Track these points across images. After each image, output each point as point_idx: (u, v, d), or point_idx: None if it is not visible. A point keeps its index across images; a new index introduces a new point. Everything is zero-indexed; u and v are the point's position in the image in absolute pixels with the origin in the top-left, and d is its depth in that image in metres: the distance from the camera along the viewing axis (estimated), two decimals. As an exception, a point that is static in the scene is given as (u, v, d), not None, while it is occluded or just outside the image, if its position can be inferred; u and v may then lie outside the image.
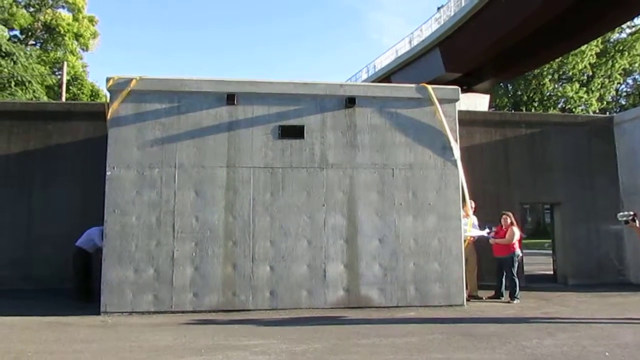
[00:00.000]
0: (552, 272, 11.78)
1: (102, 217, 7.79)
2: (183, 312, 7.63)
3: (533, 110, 35.44)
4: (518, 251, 9.11)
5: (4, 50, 23.62)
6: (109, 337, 6.23)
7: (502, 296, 9.04)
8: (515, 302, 8.71)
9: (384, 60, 37.15)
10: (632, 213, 7.62)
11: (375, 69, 38.41)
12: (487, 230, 9.21)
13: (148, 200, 7.87)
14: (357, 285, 8.11)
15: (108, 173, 7.81)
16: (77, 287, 8.68)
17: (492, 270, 9.33)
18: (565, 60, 34.71)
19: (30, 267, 9.71)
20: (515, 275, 8.92)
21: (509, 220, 9.03)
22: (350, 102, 8.42)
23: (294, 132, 8.31)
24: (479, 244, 9.34)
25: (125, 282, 7.63)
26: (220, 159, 8.11)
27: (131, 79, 8.01)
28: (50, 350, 5.56)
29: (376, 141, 8.46)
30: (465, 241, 8.73)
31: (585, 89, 36.31)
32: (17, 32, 29.70)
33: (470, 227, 9.10)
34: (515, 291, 8.83)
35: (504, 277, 9.04)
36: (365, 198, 8.30)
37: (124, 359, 5.24)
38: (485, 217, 9.59)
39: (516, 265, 9.03)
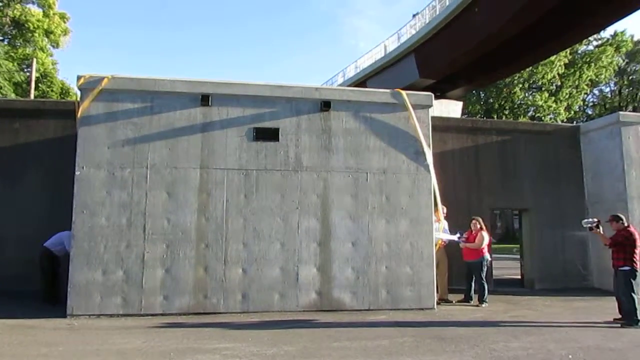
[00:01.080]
0: (519, 277, 12.06)
1: (70, 218, 7.61)
2: (153, 315, 7.51)
3: (504, 118, 36.27)
4: (487, 255, 9.31)
5: (-31, 44, 22.90)
6: (75, 340, 6.08)
7: (471, 300, 9.21)
8: (483, 305, 8.88)
9: (360, 64, 37.43)
10: (596, 220, 7.89)
11: (351, 73, 38.65)
12: (457, 234, 9.37)
13: (118, 201, 7.73)
14: (329, 288, 8.13)
15: (77, 173, 7.65)
16: (43, 289, 8.45)
17: (462, 275, 9.50)
18: (535, 70, 35.66)
19: (-7, 268, 9.39)
20: (484, 279, 9.10)
21: (478, 225, 9.23)
22: (326, 105, 8.46)
23: (269, 135, 8.30)
24: (449, 248, 9.51)
25: (93, 284, 7.47)
26: (194, 160, 8.03)
27: (103, 78, 7.88)
28: (14, 353, 5.40)
29: (351, 145, 8.53)
30: (436, 245, 8.87)
31: (554, 98, 37.40)
32: (-16, 27, 28.82)
33: (442, 231, 9.25)
34: (484, 295, 9.00)
35: (473, 281, 9.22)
36: (339, 201, 8.34)
37: (91, 362, 5.13)
38: (457, 221, 9.78)
39: (485, 269, 9.22)
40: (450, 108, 30.56)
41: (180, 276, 7.74)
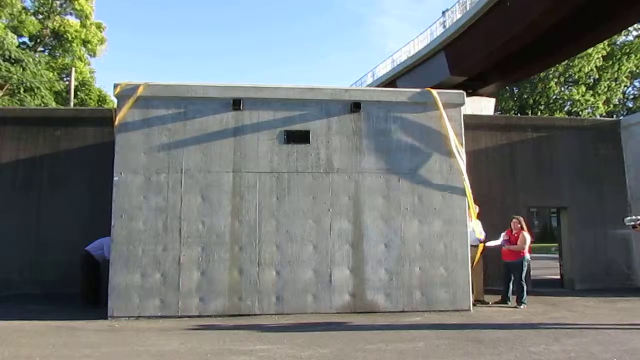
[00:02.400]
0: (559, 277, 11.72)
1: (109, 222, 7.85)
2: (189, 316, 7.66)
3: (539, 114, 35.35)
4: (528, 256, 9.07)
5: (13, 57, 23.93)
6: (116, 341, 6.27)
7: (509, 301, 9.00)
8: (522, 307, 8.67)
9: (389, 64, 37.20)
10: (639, 217, 7.59)
11: (380, 73, 38.43)
12: (501, 239, 9.11)
13: (155, 205, 7.92)
14: (363, 290, 8.11)
15: (115, 178, 7.88)
16: (84, 292, 8.73)
17: (497, 275, 9.29)
18: (571, 63, 34.63)
19: (38, 271, 9.78)
20: (523, 280, 8.88)
21: (519, 225, 8.98)
22: (356, 106, 8.44)
23: (300, 137, 8.35)
24: (485, 249, 9.31)
25: (132, 287, 7.67)
26: (227, 164, 8.16)
27: (138, 86, 8.08)
28: (59, 355, 5.61)
29: (381, 146, 8.48)
30: (478, 247, 8.75)
31: (591, 91, 36.22)
32: (26, 39, 30.03)
33: (478, 231, 9.05)
34: (523, 296, 8.79)
35: (511, 282, 9.01)
36: (370, 203, 8.31)
37: (131, 363, 5.27)
38: (491, 220, 9.56)
39: (525, 270, 9.00)
40: (482, 105, 29.95)
41: (215, 278, 7.86)
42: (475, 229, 9.00)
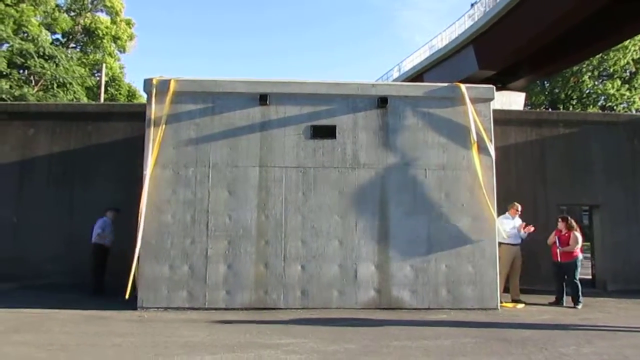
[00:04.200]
0: (590, 277, 11.41)
1: (138, 215, 8.00)
2: (216, 309, 7.77)
3: (571, 109, 34.41)
4: (581, 255, 8.89)
5: (47, 53, 24.63)
6: (145, 332, 6.40)
7: (563, 302, 8.81)
8: (578, 307, 8.52)
9: (416, 58, 36.74)
10: None
11: (407, 67, 38.02)
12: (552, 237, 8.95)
13: (183, 198, 8.04)
14: (388, 286, 8.07)
15: (145, 172, 8.01)
16: (97, 281, 9.13)
17: (532, 275, 9.10)
18: (605, 57, 33.53)
19: (71, 262, 10.04)
20: (577, 280, 8.71)
21: (566, 224, 8.79)
22: (383, 102, 8.38)
23: (326, 132, 8.33)
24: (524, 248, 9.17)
25: (160, 279, 7.82)
26: (253, 159, 8.21)
27: (168, 81, 8.19)
28: (91, 343, 5.77)
29: (408, 141, 8.40)
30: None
31: (627, 86, 34.99)
32: (59, 36, 30.88)
33: (522, 231, 8.91)
34: (579, 296, 8.63)
35: (563, 282, 8.83)
36: (397, 199, 8.25)
37: (160, 354, 5.37)
38: (521, 218, 9.36)
39: (579, 269, 8.83)
40: (512, 100, 29.35)
41: (241, 272, 7.94)
42: (520, 228, 8.86)
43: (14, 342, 5.73)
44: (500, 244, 8.57)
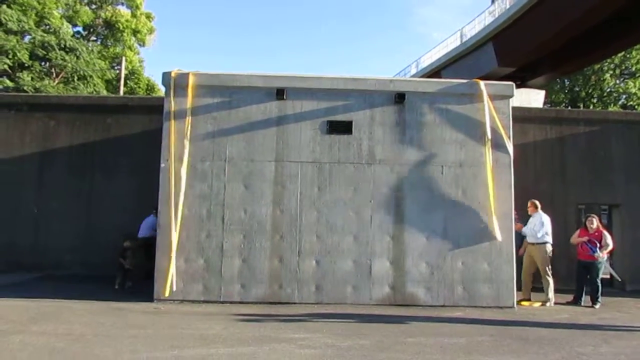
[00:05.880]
0: (608, 277, 11.21)
1: (156, 208, 8.09)
2: (231, 302, 7.82)
3: (591, 107, 33.78)
4: (605, 255, 8.78)
5: (68, 45, 24.96)
6: (161, 324, 6.47)
7: (581, 302, 8.70)
8: (597, 306, 8.44)
9: (434, 55, 36.38)
10: None
11: (425, 63, 37.69)
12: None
13: (199, 192, 8.09)
14: (403, 282, 8.04)
15: (162, 165, 8.08)
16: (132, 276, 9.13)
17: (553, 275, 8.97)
18: (628, 55, 32.81)
19: (88, 253, 10.22)
20: (599, 279, 8.63)
21: (595, 224, 8.66)
22: (400, 97, 8.32)
23: (342, 128, 8.31)
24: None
25: (176, 271, 7.88)
26: (269, 154, 8.22)
27: (186, 74, 8.24)
28: (108, 334, 5.85)
29: (425, 137, 8.33)
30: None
31: (649, 85, 34.21)
32: (80, 29, 31.19)
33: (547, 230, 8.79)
34: (598, 296, 8.56)
35: (585, 281, 8.73)
36: (413, 195, 8.20)
37: (176, 346, 5.43)
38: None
39: (602, 270, 8.74)
40: (531, 97, 28.87)
41: (256, 266, 7.98)
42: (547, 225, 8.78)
43: (33, 332, 5.85)
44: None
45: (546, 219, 8.75)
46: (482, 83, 8.48)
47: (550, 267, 8.72)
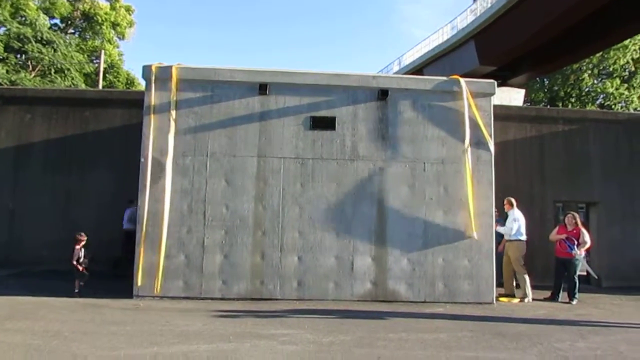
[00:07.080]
0: (585, 274, 11.44)
1: (132, 201, 7.97)
2: (212, 299, 7.75)
3: (570, 106, 34.37)
4: (584, 252, 8.95)
5: (45, 38, 24.42)
6: (141, 320, 6.39)
7: (558, 298, 8.85)
8: (574, 302, 8.58)
9: (416, 52, 36.61)
10: None
11: (407, 61, 37.90)
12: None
13: (180, 187, 7.99)
14: (384, 278, 8.07)
15: (142, 160, 7.96)
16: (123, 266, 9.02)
17: (530, 271, 9.12)
18: (606, 55, 33.45)
19: (66, 248, 9.97)
20: (577, 276, 8.78)
21: (574, 221, 8.78)
22: (383, 94, 8.33)
23: (325, 124, 8.29)
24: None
25: (156, 267, 7.78)
26: (251, 149, 8.16)
27: (168, 67, 8.11)
28: (86, 331, 5.74)
29: (408, 134, 8.37)
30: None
31: (626, 85, 34.96)
32: (57, 21, 30.56)
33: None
34: (575, 292, 8.71)
35: (562, 278, 8.87)
36: (395, 192, 8.23)
37: (156, 342, 5.36)
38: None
39: (580, 267, 8.90)
40: (511, 96, 29.26)
41: (238, 262, 7.92)
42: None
43: (7, 329, 5.71)
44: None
45: (520, 216, 8.87)
46: (463, 80, 8.54)
47: (523, 263, 8.86)
